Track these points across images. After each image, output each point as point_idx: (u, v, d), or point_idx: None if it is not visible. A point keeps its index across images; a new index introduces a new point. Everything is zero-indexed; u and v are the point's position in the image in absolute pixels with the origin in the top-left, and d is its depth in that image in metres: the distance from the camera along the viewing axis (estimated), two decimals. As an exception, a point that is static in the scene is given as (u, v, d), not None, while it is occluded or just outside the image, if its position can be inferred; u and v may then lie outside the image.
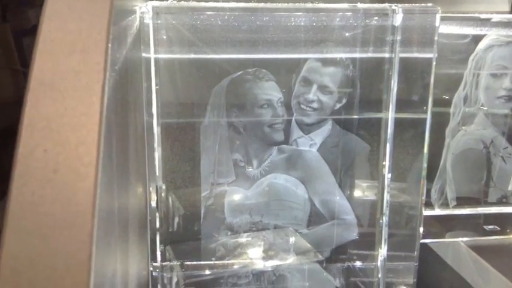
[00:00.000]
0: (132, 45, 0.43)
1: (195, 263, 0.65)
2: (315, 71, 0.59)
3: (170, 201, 0.61)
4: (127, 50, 0.38)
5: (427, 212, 0.67)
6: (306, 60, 0.58)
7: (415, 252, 0.61)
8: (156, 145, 0.58)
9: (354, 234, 0.64)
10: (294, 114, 0.59)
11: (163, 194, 0.60)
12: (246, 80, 0.58)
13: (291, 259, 0.65)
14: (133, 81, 0.44)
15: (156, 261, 0.62)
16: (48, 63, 0.26)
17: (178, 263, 0.64)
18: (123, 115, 0.36)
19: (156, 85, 0.57)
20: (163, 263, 0.63)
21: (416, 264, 0.61)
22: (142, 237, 0.53)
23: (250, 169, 0.61)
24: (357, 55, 0.61)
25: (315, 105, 0.59)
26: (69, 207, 0.22)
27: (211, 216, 0.61)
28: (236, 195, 0.61)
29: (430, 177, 0.66)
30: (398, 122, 0.58)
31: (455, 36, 0.67)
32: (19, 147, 0.23)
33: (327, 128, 0.60)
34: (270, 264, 0.66)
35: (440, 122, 0.65)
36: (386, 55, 0.61)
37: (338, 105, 0.59)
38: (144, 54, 0.53)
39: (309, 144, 0.60)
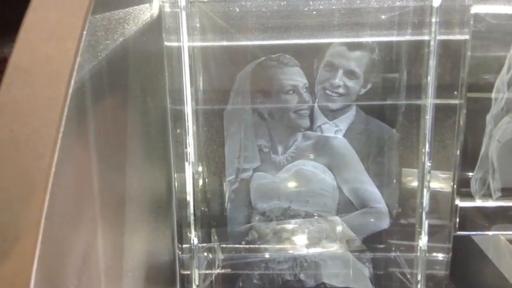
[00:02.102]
0: (143, 34, 0.44)
1: (230, 245, 0.67)
2: (341, 55, 0.57)
3: (201, 185, 0.63)
4: (129, 38, 0.40)
5: (468, 204, 0.63)
6: (329, 44, 0.57)
7: (448, 244, 0.59)
8: (190, 131, 0.60)
9: (385, 223, 0.62)
10: (317, 100, 0.58)
11: (199, 180, 0.62)
12: (271, 66, 0.58)
13: (335, 247, 0.65)
14: (143, 68, 0.46)
15: (188, 243, 0.64)
16: (26, 50, 0.28)
17: (213, 245, 0.66)
18: (118, 99, 0.38)
19: (190, 72, 0.59)
20: (200, 245, 0.65)
21: (449, 256, 0.59)
22: (160, 220, 0.55)
23: (276, 155, 0.61)
24: (394, 38, 0.59)
25: (340, 90, 0.58)
26: (25, 184, 0.24)
27: (236, 201, 0.62)
28: (263, 181, 0.62)
29: (470, 166, 0.62)
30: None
31: (503, 17, 0.62)
32: (-12, 127, 0.25)
33: (351, 113, 0.58)
34: (313, 251, 0.66)
35: (480, 109, 0.61)
36: (426, 37, 0.59)
37: (363, 91, 0.58)
38: (167, 43, 0.55)
39: (334, 131, 0.59)
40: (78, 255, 0.28)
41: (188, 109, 0.60)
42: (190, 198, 0.62)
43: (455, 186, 0.57)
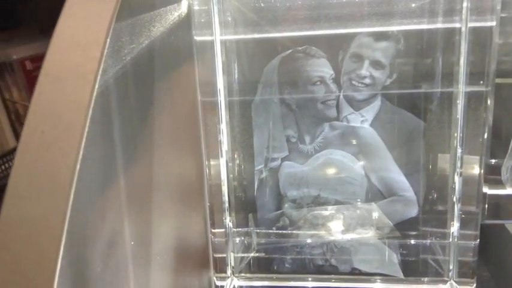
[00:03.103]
0: (171, 33, 0.47)
1: (264, 231, 0.70)
2: (367, 46, 0.58)
3: (235, 173, 0.66)
4: (156, 39, 0.42)
5: (499, 191, 0.63)
6: (354, 35, 0.58)
7: (476, 231, 0.59)
8: (223, 121, 0.63)
9: (414, 211, 0.63)
10: (342, 90, 0.60)
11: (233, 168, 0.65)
12: (298, 58, 0.59)
13: (370, 233, 0.66)
14: (171, 66, 0.49)
15: (222, 228, 0.67)
16: (56, 57, 0.31)
17: (247, 230, 0.69)
18: (145, 97, 0.41)
19: (222, 65, 0.62)
20: (235, 229, 0.68)
21: (477, 242, 0.59)
22: (191, 206, 0.58)
23: (303, 145, 0.62)
24: (425, 26, 0.59)
25: (367, 81, 0.59)
26: (53, 180, 0.27)
27: (265, 189, 0.64)
28: (291, 169, 0.64)
29: (500, 154, 0.61)
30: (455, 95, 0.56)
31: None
32: (24, 129, 0.29)
33: (377, 104, 0.59)
34: (345, 237, 0.68)
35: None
36: (456, 25, 0.58)
37: (388, 81, 0.58)
38: (197, 38, 0.57)
39: (360, 121, 0.60)
40: (104, 242, 0.31)
41: (222, 100, 0.62)
42: (224, 184, 0.65)
43: (482, 172, 0.57)
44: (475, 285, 0.61)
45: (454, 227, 0.62)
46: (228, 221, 0.67)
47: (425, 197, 0.63)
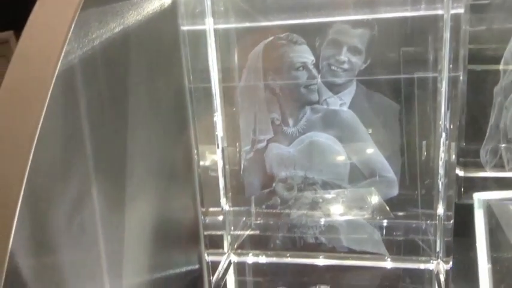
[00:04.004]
0: (150, 21, 0.51)
1: (258, 210, 0.74)
2: (344, 33, 0.61)
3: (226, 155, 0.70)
4: (132, 26, 0.47)
5: (479, 174, 0.65)
6: (332, 23, 0.61)
7: (450, 212, 0.61)
8: (218, 107, 0.67)
9: (394, 191, 0.65)
10: (320, 75, 0.63)
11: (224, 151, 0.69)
12: (280, 45, 0.63)
13: (359, 214, 0.70)
14: (151, 52, 0.53)
15: (217, 207, 0.72)
16: (27, 41, 0.36)
17: (240, 209, 0.74)
18: (117, 79, 0.45)
19: (215, 53, 0.66)
20: (231, 208, 0.72)
21: (452, 222, 0.61)
22: (180, 187, 0.62)
23: (287, 127, 0.66)
24: (400, 14, 0.61)
25: (345, 66, 0.62)
26: (15, 135, 0.32)
27: (252, 169, 0.68)
28: (278, 151, 0.68)
29: (476, 138, 0.63)
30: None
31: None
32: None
33: (353, 88, 0.62)
34: (337, 217, 0.71)
35: (484, 80, 0.61)
36: (439, 12, 0.60)
37: (364, 66, 0.61)
38: (183, 28, 0.61)
39: (339, 104, 0.63)
40: (69, 201, 0.36)
41: (216, 87, 0.67)
42: (218, 167, 0.69)
43: (454, 156, 0.59)
44: (451, 262, 0.63)
45: (440, 209, 0.65)
46: (224, 201, 0.71)
47: (405, 178, 0.65)
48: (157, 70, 0.54)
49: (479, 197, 0.32)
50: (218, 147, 0.68)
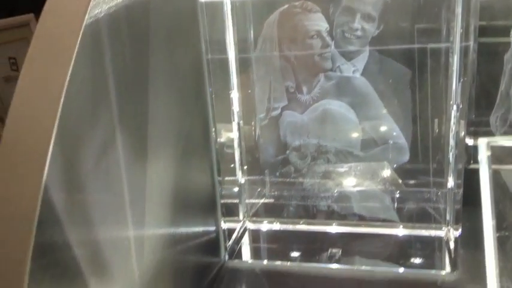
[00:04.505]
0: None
1: (279, 179, 0.76)
2: (358, 0, 0.62)
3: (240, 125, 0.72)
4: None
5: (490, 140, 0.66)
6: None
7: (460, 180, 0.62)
8: (234, 77, 0.69)
9: (405, 157, 0.67)
10: (334, 42, 0.64)
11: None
12: (295, 13, 0.65)
13: (378, 186, 0.71)
14: (173, 21, 0.55)
15: (232, 176, 0.74)
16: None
17: (256, 178, 0.76)
18: (140, 46, 0.47)
19: (232, 24, 0.67)
20: (246, 178, 0.75)
21: (461, 190, 0.62)
22: (198, 155, 0.65)
23: (301, 95, 0.68)
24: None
25: (358, 33, 0.63)
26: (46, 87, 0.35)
27: (267, 136, 0.70)
28: (292, 119, 0.69)
29: (487, 107, 0.64)
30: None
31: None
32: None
33: (366, 54, 0.63)
34: (350, 186, 0.73)
35: (496, 51, 0.62)
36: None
37: (377, 32, 0.62)
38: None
39: (352, 71, 0.64)
40: (95, 146, 0.39)
41: (231, 57, 0.68)
42: (235, 135, 0.71)
43: (465, 126, 0.60)
44: (460, 229, 0.64)
45: (450, 179, 0.66)
46: (239, 170, 0.73)
47: (416, 146, 0.67)
48: (175, 40, 0.56)
49: (483, 141, 0.33)
50: (234, 120, 0.70)
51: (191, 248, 0.63)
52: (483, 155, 0.34)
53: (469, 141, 0.68)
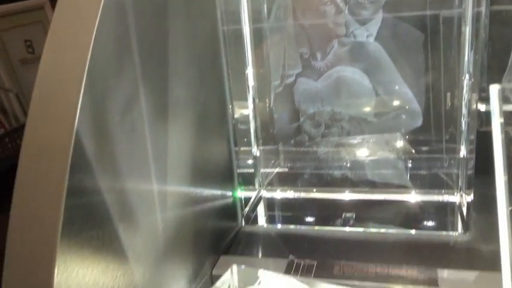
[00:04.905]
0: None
1: (287, 149, 0.77)
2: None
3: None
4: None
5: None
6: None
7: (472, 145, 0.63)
8: (249, 48, 0.70)
9: (419, 122, 0.68)
10: (347, 7, 0.65)
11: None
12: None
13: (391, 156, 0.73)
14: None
15: (248, 146, 0.76)
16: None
17: (271, 147, 0.78)
18: (163, 11, 0.49)
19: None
20: (261, 148, 0.76)
21: (473, 156, 0.63)
22: (214, 123, 0.67)
23: (315, 61, 0.69)
24: None
25: (372, -3, 0.64)
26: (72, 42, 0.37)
27: (281, 103, 0.72)
28: (306, 86, 0.71)
29: (499, 73, 0.65)
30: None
31: None
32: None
33: (379, 18, 0.64)
34: (363, 154, 0.75)
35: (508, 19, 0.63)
36: None
37: (390, -4, 0.63)
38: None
39: (366, 35, 0.65)
40: (121, 99, 0.41)
41: (246, 30, 0.70)
42: (250, 107, 0.73)
43: (477, 93, 0.61)
44: (472, 194, 0.66)
45: (463, 145, 0.67)
46: (254, 140, 0.75)
47: (429, 112, 0.68)
48: (193, 7, 0.57)
49: (495, 87, 0.34)
50: (249, 93, 0.72)
51: (210, 212, 0.65)
52: (494, 102, 0.35)
53: (481, 107, 0.69)
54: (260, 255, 0.69)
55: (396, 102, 0.69)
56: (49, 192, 0.32)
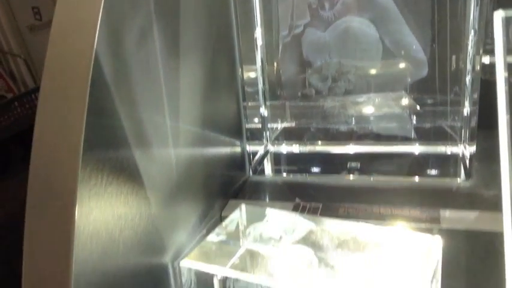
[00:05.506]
0: None
1: (300, 103, 0.79)
2: None
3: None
4: None
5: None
6: None
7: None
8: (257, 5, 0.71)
9: (424, 71, 0.69)
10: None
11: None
12: None
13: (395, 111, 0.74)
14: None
15: (255, 101, 0.77)
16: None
17: (279, 103, 0.79)
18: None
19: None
20: (268, 102, 0.78)
21: (476, 108, 0.65)
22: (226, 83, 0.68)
23: (323, 11, 0.70)
24: None
25: None
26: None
27: (289, 53, 0.73)
28: (314, 37, 0.72)
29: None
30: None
31: None
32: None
33: (387, -35, 0.65)
34: (369, 110, 0.76)
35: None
36: None
37: None
38: None
39: (374, -16, 0.66)
40: (135, 31, 0.42)
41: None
42: (258, 64, 0.74)
43: (481, 49, 0.62)
44: (475, 146, 0.67)
45: (468, 100, 0.68)
46: (261, 94, 0.77)
47: (435, 64, 0.69)
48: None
49: (499, 14, 0.35)
50: (257, 49, 0.73)
51: (219, 160, 0.67)
52: (498, 30, 0.36)
53: (485, 60, 0.70)
54: (267, 200, 0.71)
55: (402, 52, 0.70)
56: (71, 106, 0.34)
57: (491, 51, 0.69)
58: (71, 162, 0.34)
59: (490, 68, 0.69)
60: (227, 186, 0.70)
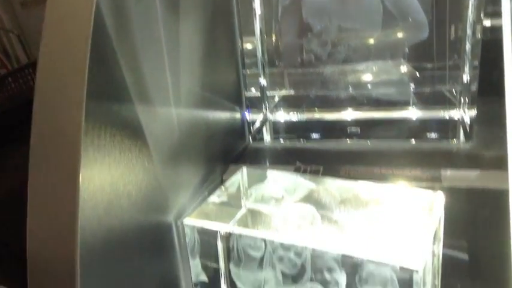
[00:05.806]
0: None
1: (299, 70, 0.78)
2: None
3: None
4: None
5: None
6: None
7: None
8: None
9: (425, 34, 0.69)
10: None
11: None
12: None
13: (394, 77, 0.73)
14: None
15: (255, 69, 0.77)
16: None
17: (278, 70, 0.78)
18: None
19: None
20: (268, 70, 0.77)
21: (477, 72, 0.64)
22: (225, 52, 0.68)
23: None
24: None
25: None
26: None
27: (289, 18, 0.72)
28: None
29: None
30: None
31: None
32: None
33: None
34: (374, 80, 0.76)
35: None
36: None
37: None
38: None
39: None
40: None
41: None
42: (257, 31, 0.73)
43: (483, 14, 0.62)
44: (475, 109, 0.67)
45: (467, 66, 0.68)
46: (260, 62, 0.76)
47: (435, 28, 0.68)
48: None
49: None
50: (255, 16, 0.72)
51: (219, 126, 0.67)
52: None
53: (487, 22, 0.69)
54: (268, 164, 0.71)
55: (403, 14, 0.69)
56: (74, 54, 0.33)
57: (492, 14, 0.69)
58: (75, 112, 0.34)
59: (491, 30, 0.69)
60: (228, 152, 0.70)
